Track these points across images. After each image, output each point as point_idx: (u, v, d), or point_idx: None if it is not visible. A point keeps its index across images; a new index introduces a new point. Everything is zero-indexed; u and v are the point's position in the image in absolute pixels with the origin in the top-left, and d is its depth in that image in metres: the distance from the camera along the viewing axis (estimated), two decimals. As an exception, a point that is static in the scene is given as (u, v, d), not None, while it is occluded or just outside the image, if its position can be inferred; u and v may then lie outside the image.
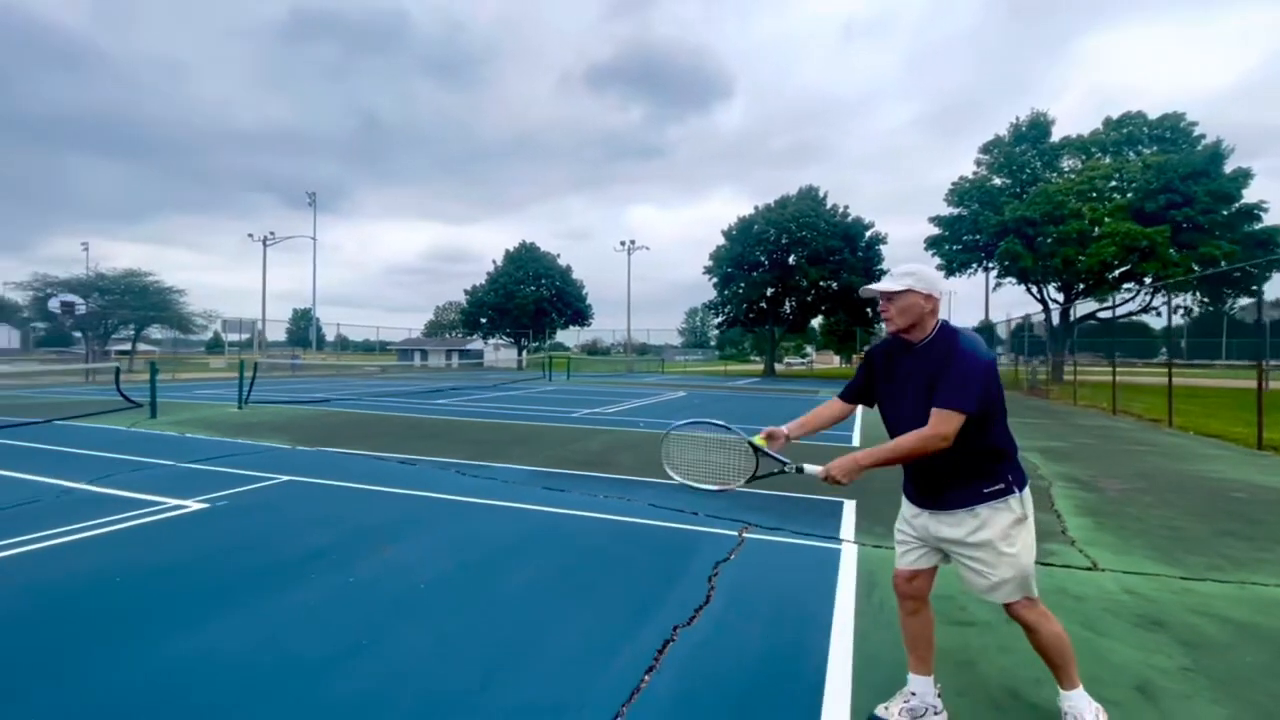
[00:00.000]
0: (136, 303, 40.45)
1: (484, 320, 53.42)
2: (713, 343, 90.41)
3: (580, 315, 56.62)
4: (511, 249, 53.94)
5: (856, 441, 9.26)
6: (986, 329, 32.23)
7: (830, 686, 2.56)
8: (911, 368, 2.21)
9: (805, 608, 3.35)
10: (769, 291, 38.65)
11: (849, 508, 5.43)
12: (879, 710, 2.33)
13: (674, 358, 64.71)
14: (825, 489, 5.98)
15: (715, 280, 41.23)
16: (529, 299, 51.57)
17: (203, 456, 7.52)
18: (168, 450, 7.98)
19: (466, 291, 54.34)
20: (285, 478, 6.41)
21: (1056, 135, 31.38)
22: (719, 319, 45.01)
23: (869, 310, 37.69)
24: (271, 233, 43.61)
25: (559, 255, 55.31)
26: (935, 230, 33.11)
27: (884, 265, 37.67)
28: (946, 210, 32.82)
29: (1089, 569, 4.02)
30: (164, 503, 5.34)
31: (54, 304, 33.45)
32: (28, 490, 5.75)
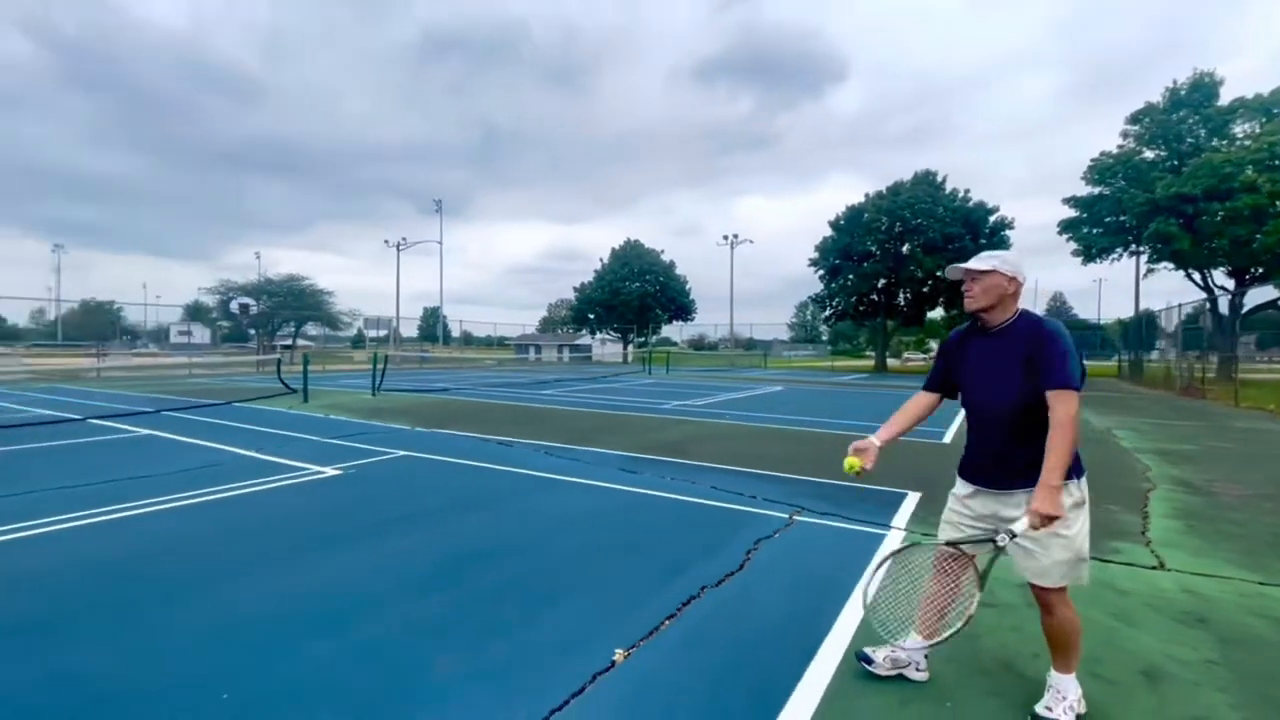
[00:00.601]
0: (295, 303, 46.39)
1: (591, 316, 55.44)
2: (824, 337, 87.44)
3: (683, 310, 57.18)
4: (618, 247, 55.54)
5: (948, 439, 8.98)
6: (1142, 319, 28.77)
7: (830, 640, 2.84)
8: (992, 349, 2.28)
9: (831, 581, 3.59)
10: (880, 283, 36.95)
11: (911, 500, 5.47)
12: (867, 649, 2.59)
13: (781, 353, 63.42)
14: (888, 478, 6.02)
15: (821, 273, 40.05)
16: (633, 295, 52.88)
17: (341, 434, 8.86)
18: (314, 428, 9.46)
19: (576, 289, 56.67)
20: (403, 453, 7.46)
21: (1226, 97, 27.25)
22: (826, 312, 43.67)
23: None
24: (404, 238, 47.99)
25: (662, 252, 56.18)
26: (1071, 212, 30.04)
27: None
28: (1084, 190, 29.65)
29: (1152, 568, 3.88)
30: (308, 469, 6.48)
31: (233, 306, 39.06)
32: (213, 455, 7.18)
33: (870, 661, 2.54)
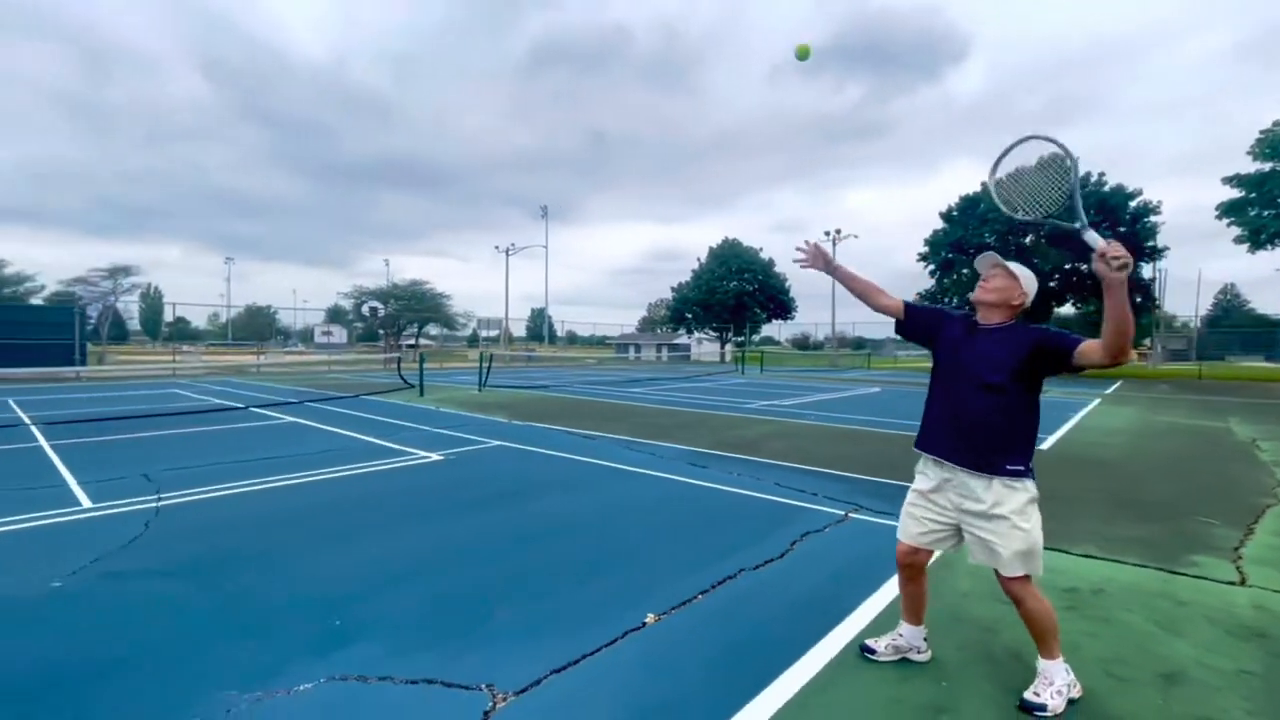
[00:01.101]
0: (417, 306, 50.55)
1: (689, 316, 55.79)
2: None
3: (783, 308, 56.09)
4: (715, 246, 55.50)
5: (1048, 446, 8.50)
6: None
7: (845, 624, 3.06)
8: (984, 348, 2.45)
9: (865, 573, 3.75)
10: (997, 278, 34.31)
11: (979, 502, 5.38)
12: (868, 640, 2.79)
13: (892, 353, 60.09)
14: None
15: (931, 268, 37.88)
16: (730, 294, 52.63)
17: (447, 425, 9.89)
18: (426, 419, 10.61)
19: (673, 289, 57.30)
20: (497, 442, 8.27)
21: None
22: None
23: (1137, 296, 31.43)
24: (512, 244, 50.82)
25: (761, 249, 55.42)
26: (1233, 193, 26.38)
27: (1157, 240, 31.01)
28: (1251, 167, 25.91)
29: (1230, 583, 3.68)
30: (417, 454, 7.41)
31: (364, 309, 43.23)
32: (342, 440, 8.36)
33: (873, 651, 2.72)
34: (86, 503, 5.12)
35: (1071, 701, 2.36)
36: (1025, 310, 2.53)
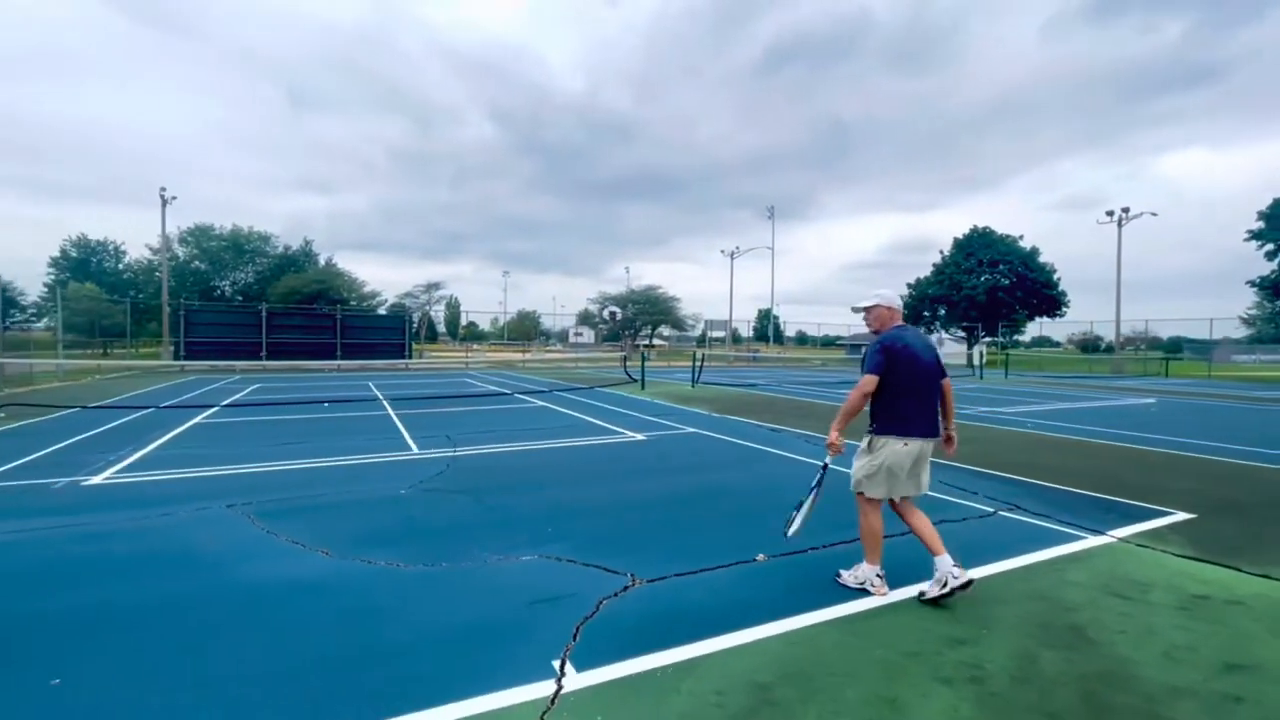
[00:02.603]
0: (651, 309, 55.06)
1: (926, 314, 51.27)
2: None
3: (1050, 304, 48.25)
4: (960, 236, 50.09)
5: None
6: None
7: (914, 586, 3.61)
8: (926, 347, 3.73)
9: (975, 553, 4.11)
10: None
11: (1170, 519, 5.03)
12: (921, 588, 3.40)
13: (1228, 357, 47.03)
14: (1157, 495, 5.53)
15: (1270, 247, 29.52)
16: (980, 289, 47.02)
17: (657, 413, 11.55)
18: (639, 407, 12.44)
19: (909, 285, 53.18)
20: (693, 429, 9.59)
21: None
22: (1281, 302, 31.84)
23: None
24: (737, 246, 52.29)
25: (1021, 237, 48.41)
26: None
27: None
28: None
29: None
30: (626, 434, 9.09)
31: (605, 313, 48.47)
32: (573, 421, 10.50)
33: (923, 594, 3.36)
34: (415, 449, 7.70)
35: (984, 677, 2.68)
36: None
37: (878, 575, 3.50)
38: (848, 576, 3.59)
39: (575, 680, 2.55)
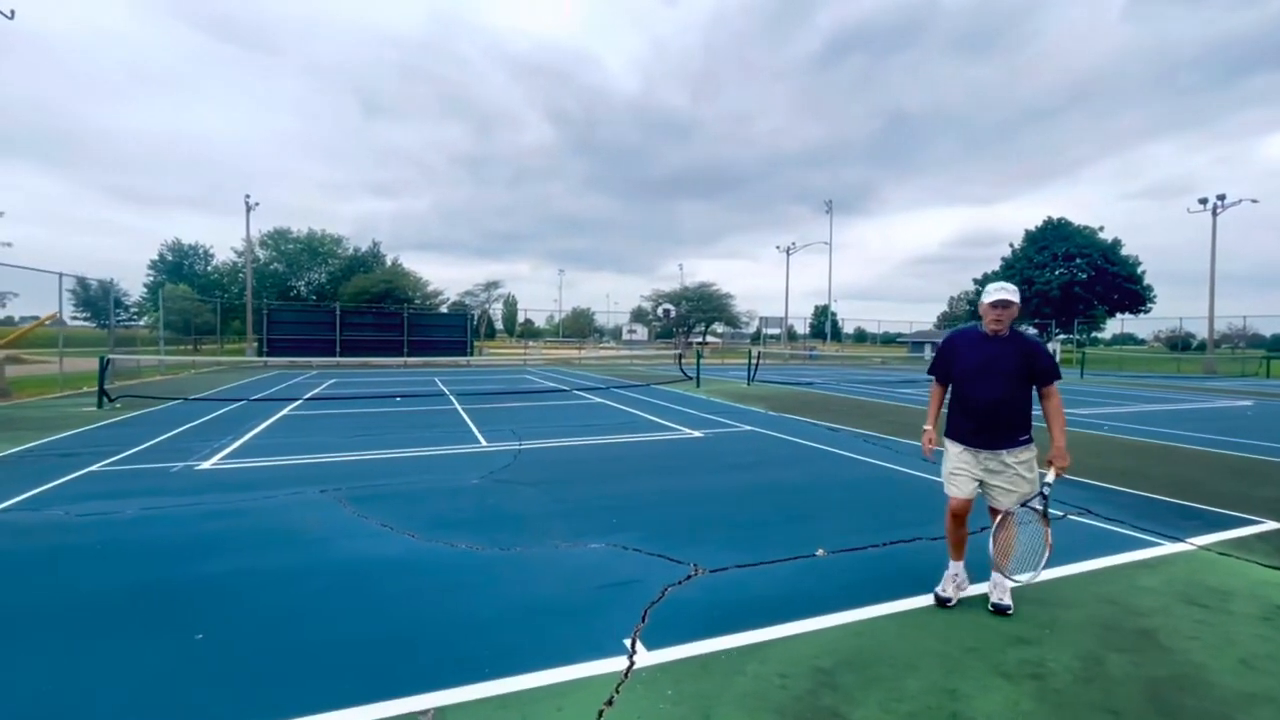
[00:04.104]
0: (704, 306, 54.90)
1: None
2: None
3: (1134, 299, 45.33)
4: (1033, 228, 47.64)
5: None
6: None
7: (977, 587, 3.63)
8: (996, 350, 3.31)
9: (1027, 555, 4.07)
10: None
11: (1257, 528, 4.80)
12: (938, 590, 3.39)
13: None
14: (1244, 504, 5.28)
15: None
16: (1054, 284, 44.64)
17: (713, 411, 11.66)
18: (696, 404, 12.57)
19: (976, 280, 50.97)
20: (749, 427, 9.66)
21: None
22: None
23: None
24: (793, 243, 51.41)
25: (1101, 228, 45.61)
26: None
27: None
28: None
29: None
30: (683, 430, 9.26)
31: (659, 310, 48.67)
32: (630, 417, 10.74)
33: (949, 601, 3.32)
34: (484, 443, 8.12)
35: (1046, 674, 2.71)
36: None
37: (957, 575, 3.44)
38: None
39: (645, 658, 2.75)
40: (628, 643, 2.88)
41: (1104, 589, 3.58)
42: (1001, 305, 3.27)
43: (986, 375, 3.29)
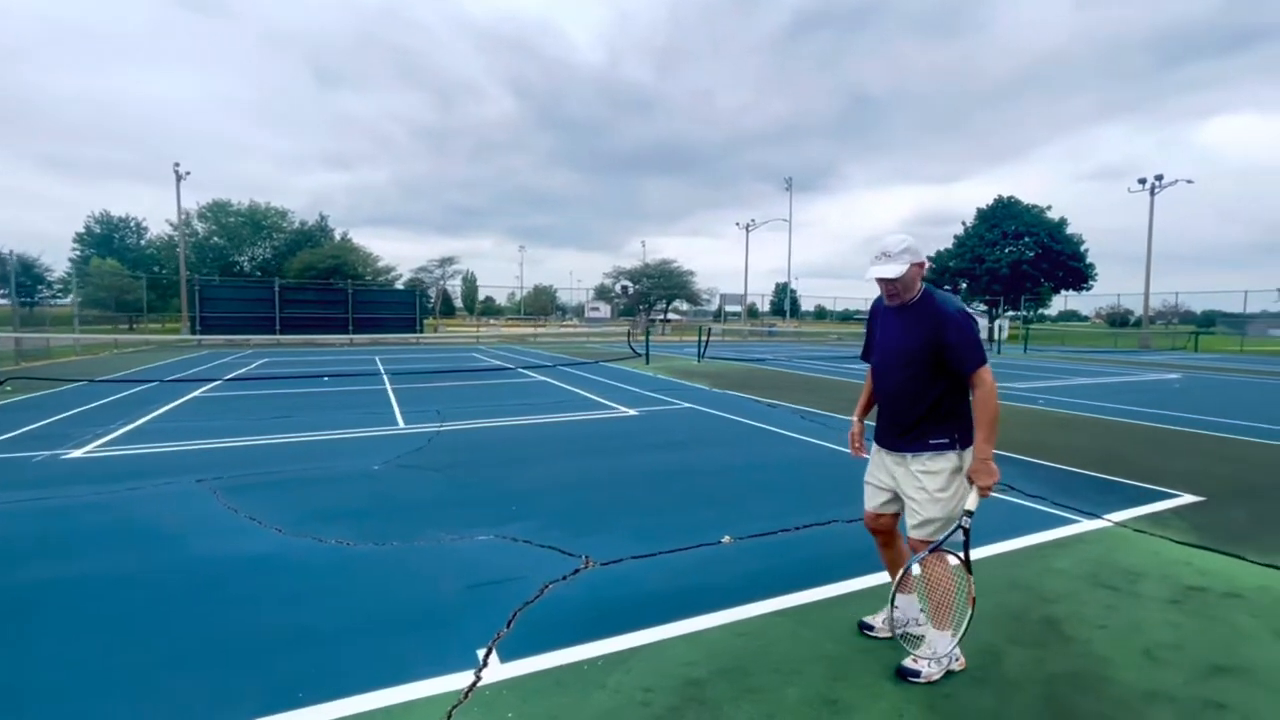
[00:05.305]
0: (665, 283, 54.54)
1: (946, 287, 50.03)
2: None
3: (1077, 277, 46.79)
4: (984, 206, 48.54)
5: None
6: None
7: (873, 575, 3.39)
8: (899, 323, 2.49)
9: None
10: None
11: (1175, 502, 4.73)
12: (867, 618, 2.76)
13: (1264, 331, 44.99)
14: (1165, 478, 5.23)
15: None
16: (1002, 262, 45.69)
17: (656, 388, 11.34)
18: (640, 382, 12.24)
19: (930, 258, 51.88)
20: (687, 405, 9.37)
21: None
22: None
23: None
24: (752, 220, 51.29)
25: (1049, 207, 46.74)
26: None
27: None
28: None
29: None
30: (619, 409, 8.91)
31: (619, 287, 48.09)
32: (569, 396, 10.34)
33: (871, 629, 2.71)
34: (402, 424, 7.61)
35: (950, 673, 2.39)
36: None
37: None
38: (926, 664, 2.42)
39: (497, 671, 2.39)
40: (482, 653, 2.51)
41: (1016, 573, 3.38)
42: (885, 282, 2.43)
43: (886, 355, 2.56)
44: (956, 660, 2.44)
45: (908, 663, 2.41)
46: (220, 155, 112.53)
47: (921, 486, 2.43)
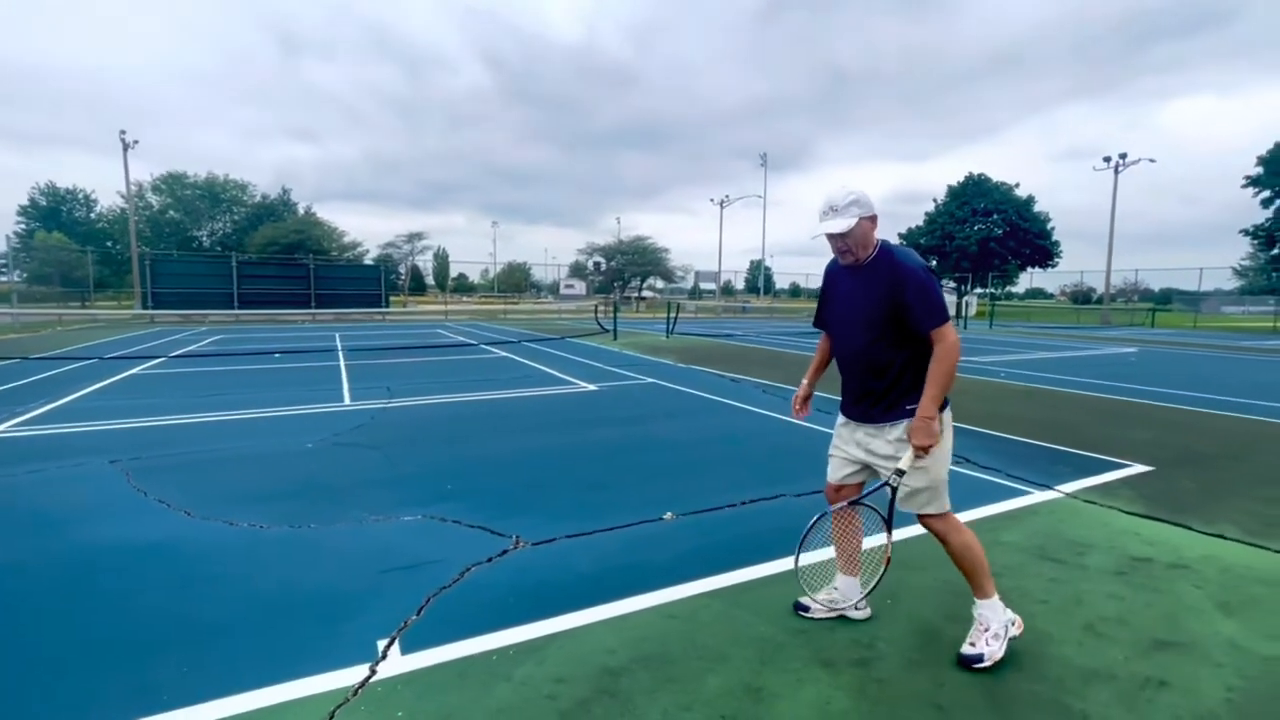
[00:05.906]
0: (640, 260, 54.07)
1: (918, 264, 50.61)
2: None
3: (1043, 254, 47.60)
4: (955, 184, 48.87)
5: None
6: None
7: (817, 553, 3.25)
8: (856, 285, 2.34)
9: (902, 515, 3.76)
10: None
11: (1127, 471, 4.69)
12: (803, 599, 2.55)
13: (1217, 308, 46.72)
14: (1120, 447, 5.21)
15: (1266, 194, 28.88)
16: (971, 239, 46.21)
17: (621, 364, 11.12)
18: (606, 357, 12.00)
19: (901, 235, 52.21)
20: (651, 380, 9.17)
21: None
22: (1276, 251, 31.36)
23: None
24: (727, 196, 50.91)
25: (1017, 185, 47.25)
26: None
27: None
28: None
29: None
30: (580, 384, 8.67)
31: (591, 263, 47.55)
32: (530, 371, 10.06)
33: (807, 609, 2.55)
34: (348, 401, 7.28)
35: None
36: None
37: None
38: (985, 641, 2.25)
39: (396, 665, 2.18)
40: (383, 644, 2.30)
41: (962, 547, 3.26)
42: (834, 238, 2.28)
43: (846, 321, 2.41)
44: (1015, 624, 2.32)
45: (966, 649, 2.23)
46: (182, 126, 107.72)
47: (900, 457, 2.27)
